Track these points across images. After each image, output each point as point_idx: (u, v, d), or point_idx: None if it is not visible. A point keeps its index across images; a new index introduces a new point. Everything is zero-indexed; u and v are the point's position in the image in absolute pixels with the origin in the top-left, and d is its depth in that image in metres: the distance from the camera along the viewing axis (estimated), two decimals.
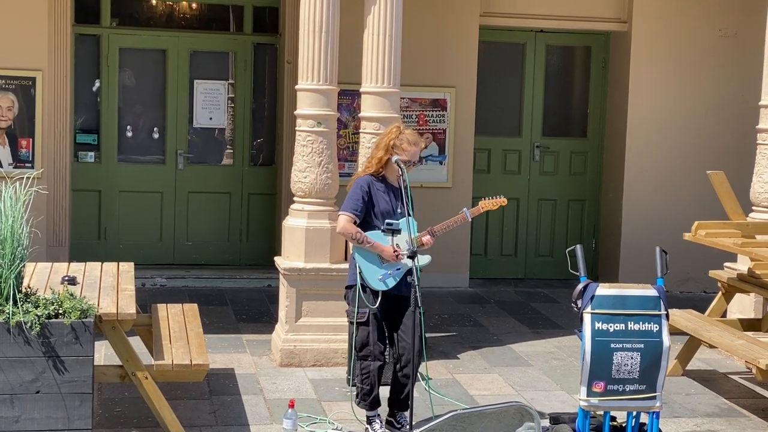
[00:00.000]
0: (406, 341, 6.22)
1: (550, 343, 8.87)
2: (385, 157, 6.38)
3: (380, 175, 6.43)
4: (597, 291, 5.75)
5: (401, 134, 6.38)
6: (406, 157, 6.32)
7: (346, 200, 6.41)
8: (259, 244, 11.06)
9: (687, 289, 11.00)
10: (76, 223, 10.57)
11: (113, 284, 6.49)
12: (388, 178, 6.43)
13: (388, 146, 6.38)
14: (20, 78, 9.88)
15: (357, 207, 6.33)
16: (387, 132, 6.51)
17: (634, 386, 5.70)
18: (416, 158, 6.42)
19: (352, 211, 6.33)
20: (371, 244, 6.29)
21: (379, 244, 6.29)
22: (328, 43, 7.75)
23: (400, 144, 6.34)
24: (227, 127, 11.07)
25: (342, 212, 6.40)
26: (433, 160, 10.77)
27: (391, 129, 6.50)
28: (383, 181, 6.43)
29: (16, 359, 5.43)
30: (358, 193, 6.36)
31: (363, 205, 6.34)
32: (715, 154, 10.94)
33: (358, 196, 6.35)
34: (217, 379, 7.43)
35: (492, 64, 11.24)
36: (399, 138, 6.36)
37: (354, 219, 6.34)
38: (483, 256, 11.38)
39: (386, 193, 6.39)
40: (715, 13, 11.06)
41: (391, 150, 6.35)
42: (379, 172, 6.42)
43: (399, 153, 6.33)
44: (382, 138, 6.50)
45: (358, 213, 6.33)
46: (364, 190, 6.36)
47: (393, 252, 6.24)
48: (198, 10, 11.09)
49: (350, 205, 6.36)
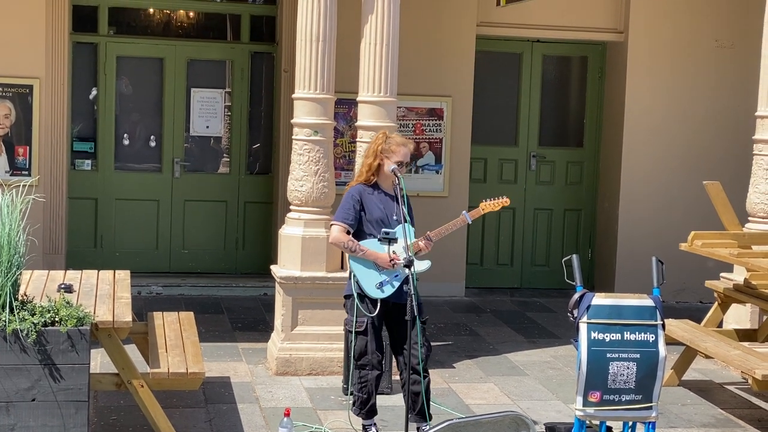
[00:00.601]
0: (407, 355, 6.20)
1: (546, 353, 8.87)
2: (375, 163, 6.39)
3: (372, 183, 6.44)
4: (593, 301, 5.75)
5: (387, 138, 6.42)
6: (398, 158, 6.34)
7: (338, 210, 6.46)
8: (256, 253, 11.06)
9: (683, 299, 11.01)
10: (72, 230, 10.56)
11: (109, 292, 6.49)
12: (381, 185, 6.45)
13: (377, 152, 6.40)
14: (17, 86, 9.88)
15: (348, 216, 6.37)
16: (374, 139, 6.55)
17: (630, 396, 5.70)
18: (408, 158, 6.44)
19: (344, 220, 6.38)
20: (364, 252, 6.30)
21: (372, 252, 6.29)
22: (325, 52, 7.77)
23: (389, 147, 6.37)
24: (224, 136, 11.07)
25: (334, 222, 6.44)
26: (429, 169, 10.78)
27: (377, 135, 6.55)
28: (376, 188, 6.44)
29: (12, 367, 5.42)
30: (349, 202, 6.41)
31: (354, 214, 6.37)
32: (711, 164, 10.96)
33: (349, 206, 6.39)
34: (212, 387, 7.42)
35: (488, 74, 11.25)
36: (386, 142, 6.40)
37: (346, 228, 6.37)
38: (479, 266, 11.38)
39: (380, 201, 6.40)
40: (712, 23, 11.09)
41: (380, 155, 6.38)
42: (370, 180, 6.44)
43: (389, 156, 6.35)
44: (370, 146, 6.54)
45: (349, 222, 6.37)
46: (355, 199, 6.39)
47: (389, 259, 6.24)
48: (195, 19, 11.11)
49: (341, 214, 6.40)
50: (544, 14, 10.88)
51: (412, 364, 6.08)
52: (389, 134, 6.51)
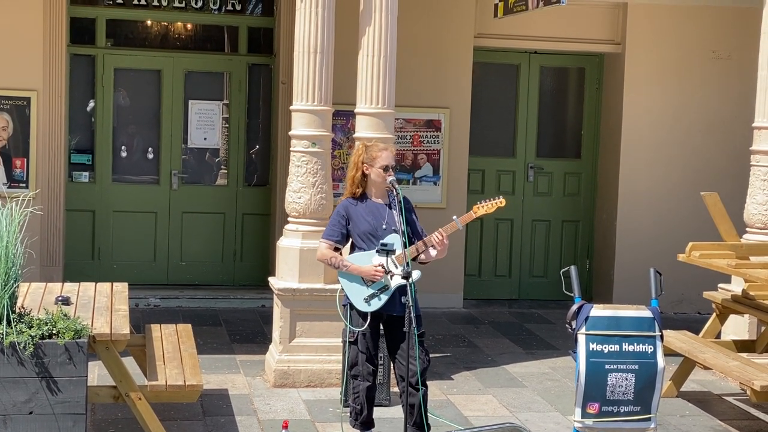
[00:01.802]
0: (403, 366, 6.19)
1: (545, 364, 8.86)
2: (358, 175, 6.38)
3: (359, 195, 6.43)
4: (591, 312, 5.75)
5: (367, 147, 6.41)
6: (383, 163, 6.31)
7: (326, 227, 6.53)
8: (253, 265, 11.05)
9: (681, 310, 11.00)
10: (70, 243, 10.55)
11: (107, 304, 6.48)
12: (371, 195, 6.43)
13: (358, 163, 6.39)
14: (15, 98, 9.89)
15: (333, 233, 6.43)
16: (354, 152, 6.53)
17: (629, 408, 5.69)
18: (393, 161, 6.40)
19: (328, 237, 6.45)
20: (347, 267, 6.31)
21: (356, 266, 6.30)
22: (323, 64, 7.77)
23: (370, 154, 6.36)
24: (221, 148, 11.07)
25: (321, 239, 6.51)
26: (427, 181, 10.79)
27: (357, 147, 6.54)
28: (363, 199, 6.43)
29: (9, 380, 5.41)
30: (335, 218, 6.47)
31: (340, 229, 6.41)
32: (708, 175, 10.97)
33: (335, 222, 6.45)
34: (210, 399, 7.41)
35: (486, 85, 11.27)
36: (366, 151, 6.38)
37: (333, 245, 6.41)
38: (477, 277, 11.38)
39: (367, 213, 6.39)
40: (709, 34, 11.11)
41: (362, 165, 6.36)
42: (356, 193, 6.43)
43: (372, 163, 6.33)
44: (351, 158, 6.53)
45: (335, 238, 6.42)
46: (340, 215, 6.44)
47: (372, 271, 6.23)
48: (193, 31, 11.12)
49: (327, 231, 6.49)
50: (542, 26, 10.90)
51: (408, 376, 6.07)
52: (366, 143, 6.50)
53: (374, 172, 6.34)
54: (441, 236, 6.25)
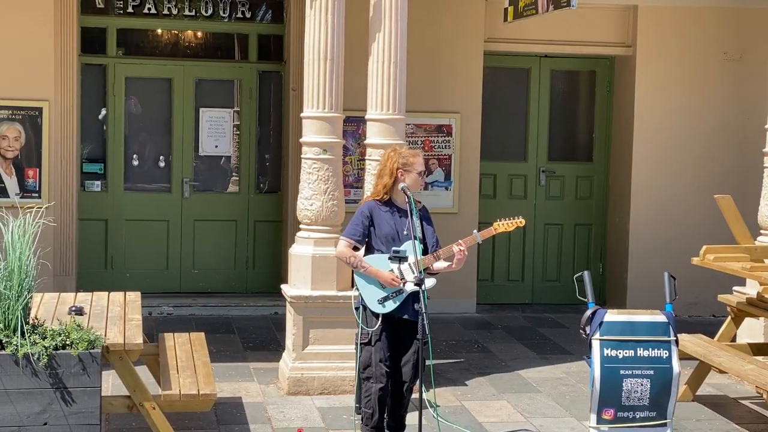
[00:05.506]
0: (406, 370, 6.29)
1: (559, 369, 8.83)
2: (391, 182, 6.39)
3: (386, 201, 6.43)
4: (605, 317, 5.73)
5: (399, 154, 6.40)
6: (420, 168, 6.35)
7: (348, 225, 6.50)
8: (266, 272, 11.05)
9: (696, 314, 10.96)
10: (82, 252, 10.57)
11: (120, 314, 6.48)
12: (395, 201, 6.44)
13: (393, 170, 6.37)
14: (27, 108, 9.92)
15: (356, 232, 6.39)
16: (386, 159, 6.47)
17: (645, 413, 5.67)
18: (423, 167, 6.46)
19: (351, 236, 6.41)
20: (366, 268, 6.31)
21: (375, 270, 6.30)
22: (333, 70, 7.77)
23: (405, 161, 6.36)
24: (233, 155, 11.08)
25: (341, 237, 6.48)
26: (438, 186, 10.77)
27: (388, 155, 6.48)
28: (389, 204, 6.43)
29: (23, 391, 5.41)
30: (358, 218, 6.42)
31: (363, 230, 6.39)
32: (721, 177, 10.92)
33: (358, 222, 6.41)
34: (224, 408, 7.40)
35: (497, 90, 11.25)
36: (401, 158, 6.37)
37: (352, 244, 6.38)
38: (490, 282, 11.35)
39: (392, 217, 6.39)
40: (720, 36, 11.07)
41: (397, 172, 6.36)
42: (384, 198, 6.44)
43: (409, 170, 6.34)
44: (384, 165, 6.46)
45: (357, 238, 6.39)
46: (365, 215, 6.41)
47: (391, 278, 6.24)
48: (203, 39, 11.13)
49: (349, 230, 6.44)
50: (552, 29, 10.88)
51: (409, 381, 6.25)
52: (398, 149, 6.50)
53: (411, 178, 6.34)
54: (460, 247, 6.31)
